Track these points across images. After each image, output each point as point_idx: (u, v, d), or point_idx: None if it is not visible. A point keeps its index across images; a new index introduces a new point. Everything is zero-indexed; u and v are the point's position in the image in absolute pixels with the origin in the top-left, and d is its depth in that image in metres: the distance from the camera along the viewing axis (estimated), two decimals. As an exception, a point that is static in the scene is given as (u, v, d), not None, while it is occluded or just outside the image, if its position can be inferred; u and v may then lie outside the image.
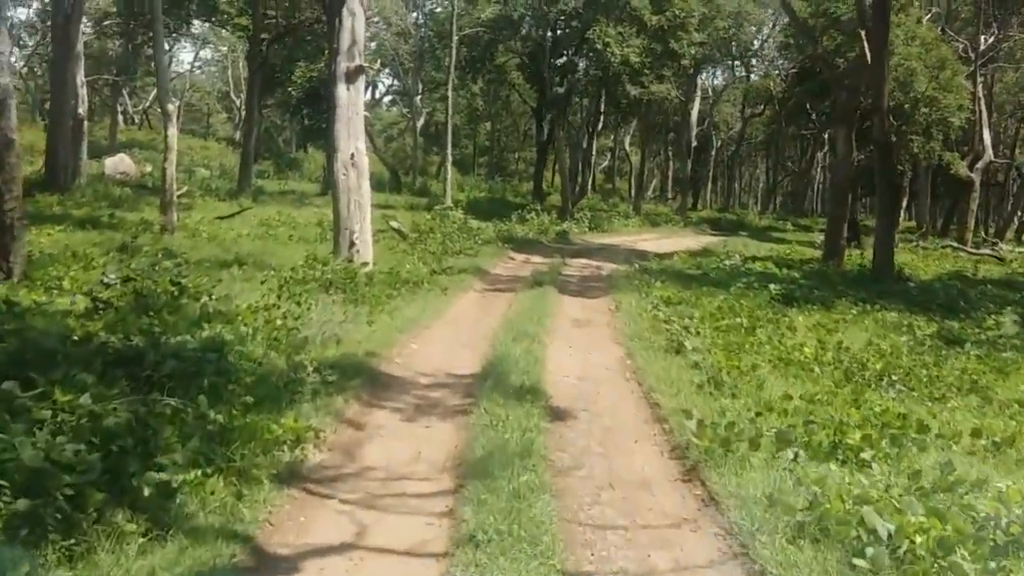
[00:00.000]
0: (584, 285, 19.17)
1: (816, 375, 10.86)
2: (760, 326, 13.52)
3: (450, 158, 33.31)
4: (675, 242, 33.70)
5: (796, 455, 7.11)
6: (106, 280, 10.44)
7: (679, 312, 14.46)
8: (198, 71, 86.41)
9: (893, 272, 21.54)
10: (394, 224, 24.26)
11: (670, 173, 65.70)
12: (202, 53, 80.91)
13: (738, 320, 13.77)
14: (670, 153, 62.55)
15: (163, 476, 5.56)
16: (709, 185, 62.80)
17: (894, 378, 11.00)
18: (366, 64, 17.35)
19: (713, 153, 60.77)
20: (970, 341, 14.22)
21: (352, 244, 16.04)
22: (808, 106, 56.26)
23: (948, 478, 6.54)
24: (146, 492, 5.37)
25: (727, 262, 22.78)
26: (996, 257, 33.98)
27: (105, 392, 6.28)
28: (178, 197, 25.85)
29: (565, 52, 39.85)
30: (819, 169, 70.32)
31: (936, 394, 10.69)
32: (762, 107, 61.39)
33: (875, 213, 22.98)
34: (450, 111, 34.13)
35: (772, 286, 18.14)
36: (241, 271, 15.91)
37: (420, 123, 68.93)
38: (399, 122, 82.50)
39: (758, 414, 8.33)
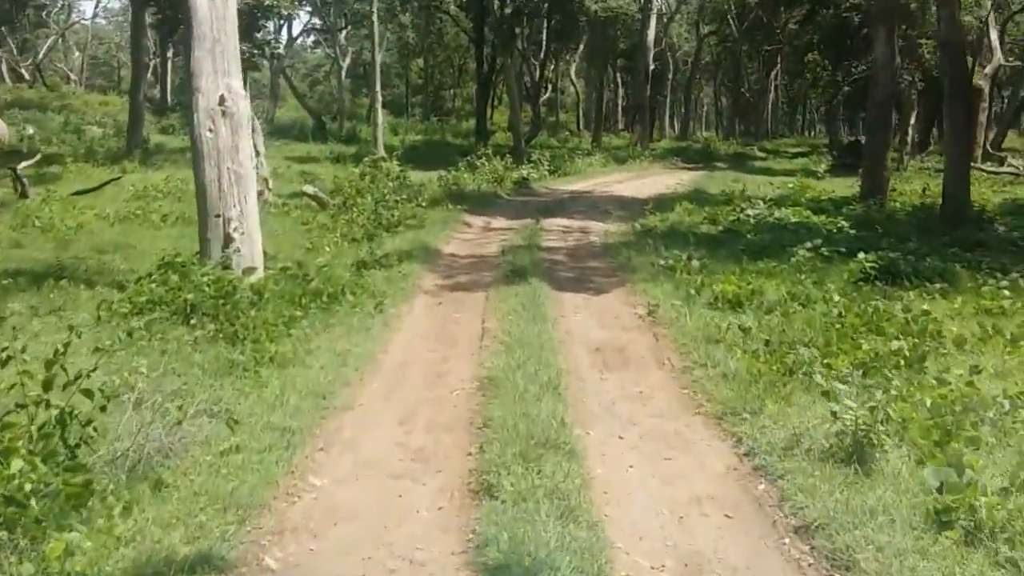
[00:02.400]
0: (580, 267, 13.31)
1: None
2: (922, 348, 7.77)
3: (379, 98, 26.85)
4: (653, 182, 27.97)
5: None
6: None
7: (762, 323, 8.73)
8: (102, 20, 78.19)
9: (971, 212, 16.07)
10: (309, 189, 18.15)
11: (619, 102, 59.67)
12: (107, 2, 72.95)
13: (873, 340, 8.01)
14: (619, 80, 56.45)
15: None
16: (668, 112, 56.87)
17: None
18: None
19: (671, 77, 54.84)
20: None
21: (229, 239, 9.99)
22: (767, 20, 50.75)
23: None
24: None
25: (750, 211, 17.07)
26: (1015, 174, 28.77)
27: None
28: (26, 167, 19.56)
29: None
30: (773, 88, 64.87)
31: None
32: (718, 24, 55.58)
33: (944, 133, 17.24)
34: (376, 44, 27.68)
35: (842, 249, 12.54)
36: (57, 291, 9.91)
37: (346, 63, 62.20)
38: (324, 64, 75.29)
39: None
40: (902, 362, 7.36)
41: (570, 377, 7.51)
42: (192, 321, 8.77)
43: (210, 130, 9.86)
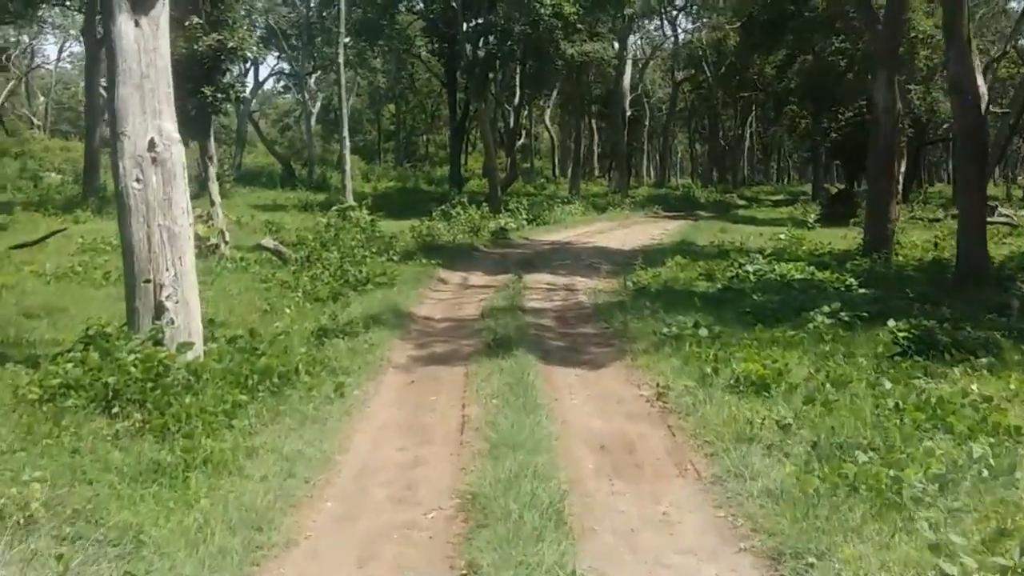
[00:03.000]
0: (570, 334, 11.77)
1: None
2: (1002, 451, 6.27)
3: (348, 144, 25.31)
4: (637, 232, 26.72)
5: None
6: None
7: (800, 414, 7.22)
8: (68, 65, 76.48)
9: (990, 270, 14.74)
10: (268, 243, 16.59)
11: (596, 148, 58.61)
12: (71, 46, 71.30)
13: (942, 440, 6.52)
14: (594, 126, 55.38)
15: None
16: (645, 159, 55.83)
17: None
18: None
19: (647, 123, 53.88)
20: None
21: (160, 309, 8.39)
22: (742, 67, 49.96)
23: None
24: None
25: (749, 267, 15.66)
26: (1011, 224, 27.67)
27: None
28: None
29: (481, 8, 32.22)
30: (750, 135, 64.28)
31: None
32: (693, 71, 54.84)
33: (956, 184, 15.91)
34: (343, 88, 26.22)
35: (863, 313, 11.13)
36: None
37: (316, 108, 60.94)
38: (295, 109, 73.91)
39: None
40: (985, 472, 5.87)
41: (574, 493, 5.94)
42: (114, 410, 7.19)
43: (138, 180, 8.30)
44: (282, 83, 68.15)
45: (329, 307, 12.69)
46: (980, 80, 31.89)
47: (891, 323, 10.05)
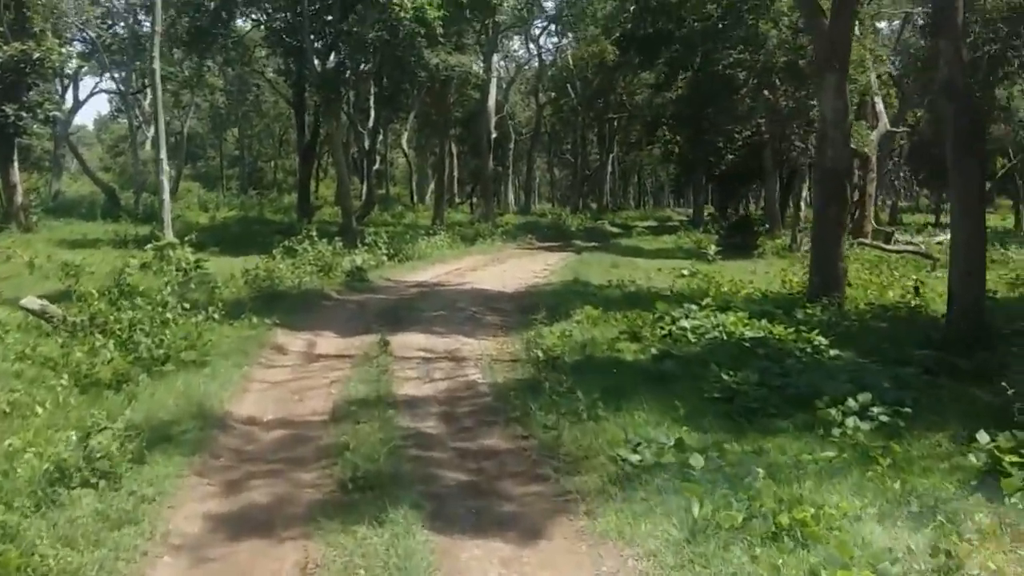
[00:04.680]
0: (472, 452, 7.43)
1: None
2: None
3: (164, 166, 20.04)
4: (516, 267, 22.82)
5: None
6: None
7: None
8: None
9: (992, 322, 11.35)
10: (31, 303, 11.68)
11: (455, 173, 54.64)
12: None
13: None
14: (454, 150, 51.39)
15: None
16: (509, 185, 52.11)
17: None
18: None
19: (512, 147, 50.26)
20: None
21: None
22: (609, 87, 47.05)
23: None
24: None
25: (684, 322, 11.85)
26: (921, 254, 25.04)
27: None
28: None
29: (331, 13, 27.74)
30: (611, 160, 61.58)
31: None
32: (554, 94, 51.71)
33: (951, 207, 12.35)
34: (159, 92, 21.03)
35: (904, 409, 7.44)
36: None
37: (151, 132, 54.96)
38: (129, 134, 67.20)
39: None
40: None
41: None
42: None
43: None
44: (113, 105, 61.81)
45: (107, 401, 8.25)
46: (879, 101, 29.70)
47: (982, 438, 6.31)
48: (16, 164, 29.39)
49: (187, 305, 12.44)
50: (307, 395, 9.28)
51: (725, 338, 11.49)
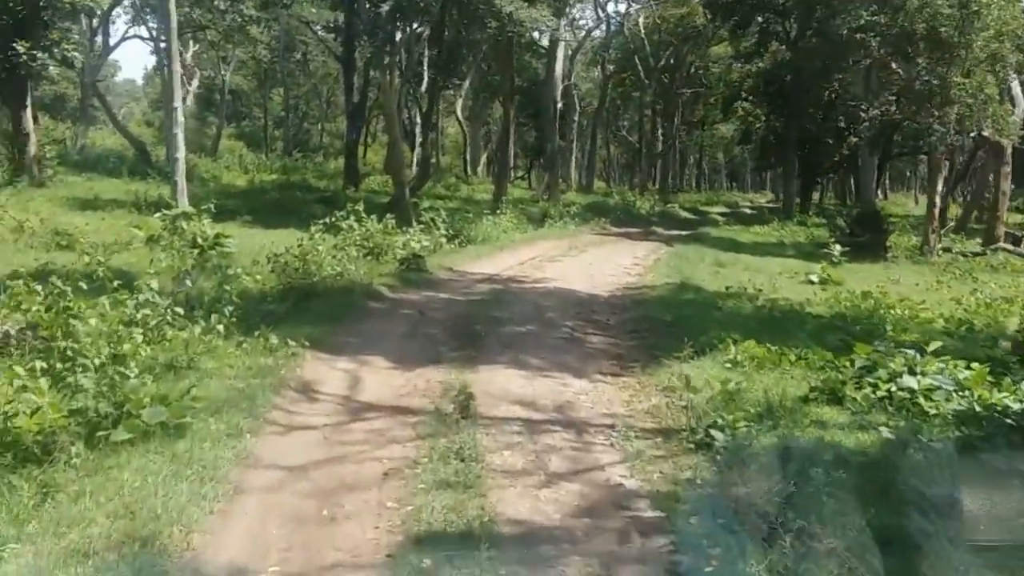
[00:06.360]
0: None
1: None
2: None
3: (180, 118, 15.68)
4: (600, 259, 18.96)
5: None
6: None
7: None
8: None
9: None
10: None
11: (510, 147, 50.34)
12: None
13: None
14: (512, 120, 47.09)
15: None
16: (573, 160, 47.72)
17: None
18: None
19: (576, 119, 45.86)
20: None
21: None
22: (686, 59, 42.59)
23: None
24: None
25: (913, 379, 7.71)
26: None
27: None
28: None
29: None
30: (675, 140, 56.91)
31: None
32: (623, 63, 47.21)
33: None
34: (172, 32, 16.68)
35: None
36: None
37: (193, 85, 51.34)
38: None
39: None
40: None
41: None
42: None
43: None
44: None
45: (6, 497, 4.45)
46: (1016, 85, 25.05)
47: None
48: (29, 110, 25.66)
49: (178, 311, 8.58)
50: (343, 508, 5.26)
51: (979, 409, 7.39)
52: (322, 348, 8.95)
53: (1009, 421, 7.14)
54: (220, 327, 8.47)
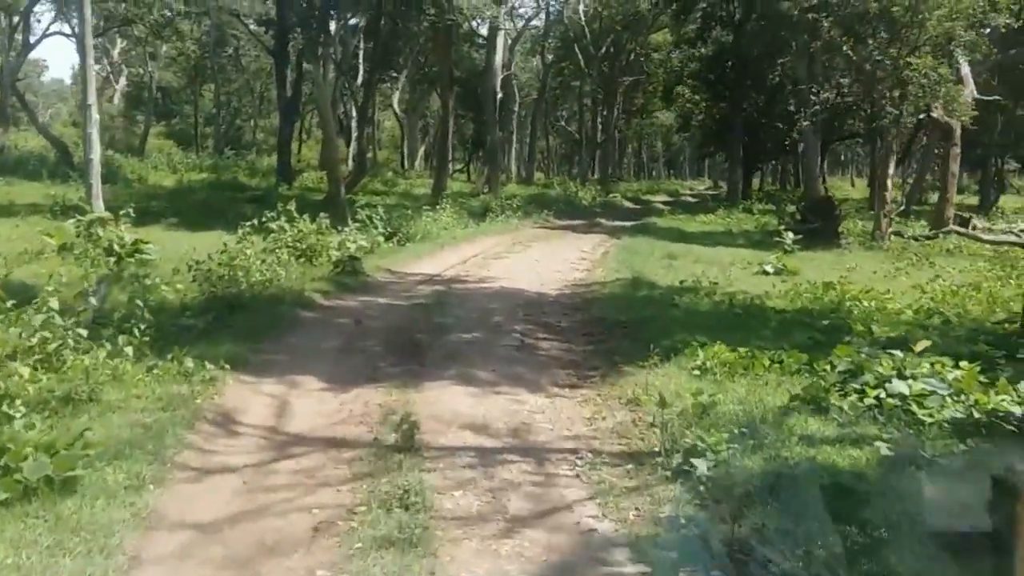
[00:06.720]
0: None
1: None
2: None
3: (94, 117, 14.40)
4: (547, 254, 18.19)
5: None
6: None
7: None
8: None
9: None
10: None
11: (448, 139, 49.25)
12: None
13: None
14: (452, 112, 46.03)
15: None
16: (512, 152, 46.81)
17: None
18: None
19: (516, 110, 44.95)
20: None
21: None
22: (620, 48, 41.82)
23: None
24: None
25: (903, 384, 6.97)
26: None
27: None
28: None
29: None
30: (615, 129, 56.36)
31: None
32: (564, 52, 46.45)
33: None
34: (86, 21, 15.34)
35: None
36: None
37: (120, 84, 49.52)
38: (104, 87, 61.16)
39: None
40: None
41: None
42: None
43: None
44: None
45: None
46: (964, 65, 24.67)
47: None
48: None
49: (90, 326, 7.58)
50: (264, 579, 4.34)
51: (978, 415, 6.68)
52: (245, 369, 7.95)
53: (1011, 428, 6.47)
54: (129, 349, 7.45)
